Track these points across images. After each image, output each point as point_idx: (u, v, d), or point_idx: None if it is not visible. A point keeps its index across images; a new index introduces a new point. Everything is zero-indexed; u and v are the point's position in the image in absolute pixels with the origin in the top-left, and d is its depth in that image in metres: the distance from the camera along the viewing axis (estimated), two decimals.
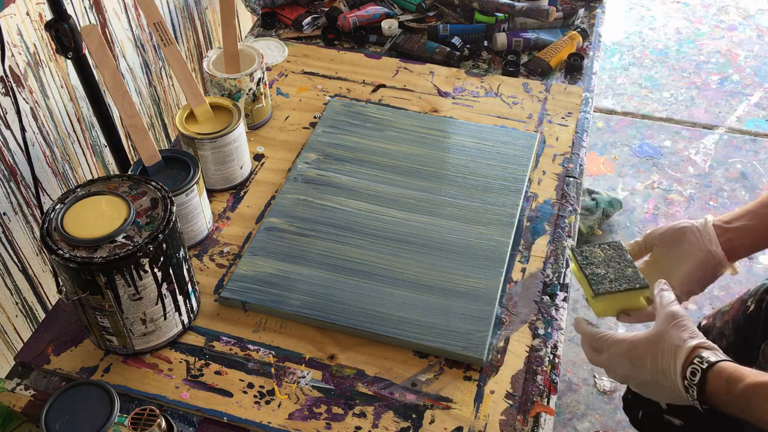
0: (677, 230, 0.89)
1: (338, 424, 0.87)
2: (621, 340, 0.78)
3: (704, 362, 0.71)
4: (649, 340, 0.75)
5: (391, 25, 1.49)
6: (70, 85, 1.33)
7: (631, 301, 0.86)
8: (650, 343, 0.75)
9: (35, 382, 0.93)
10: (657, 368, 0.74)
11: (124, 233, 0.84)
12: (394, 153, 1.20)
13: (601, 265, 0.87)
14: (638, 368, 0.76)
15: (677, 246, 0.89)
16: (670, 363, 0.73)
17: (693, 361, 0.71)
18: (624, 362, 0.77)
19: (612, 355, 0.79)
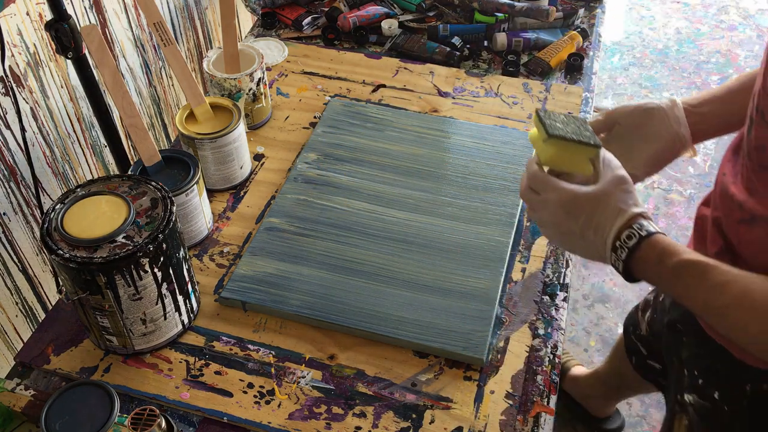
0: (645, 110, 0.86)
1: (338, 424, 0.87)
2: (564, 189, 0.76)
3: (643, 230, 0.71)
4: (592, 196, 0.74)
5: (391, 25, 1.49)
6: (70, 85, 1.33)
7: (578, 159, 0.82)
8: (592, 199, 0.74)
9: (35, 382, 0.93)
10: (591, 223, 0.74)
11: (124, 233, 0.84)
12: (394, 153, 1.20)
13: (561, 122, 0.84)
14: (571, 218, 0.75)
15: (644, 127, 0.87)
16: (608, 222, 0.73)
17: (632, 225, 0.72)
18: (558, 210, 0.76)
19: (548, 200, 0.77)
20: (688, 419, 0.92)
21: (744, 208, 0.75)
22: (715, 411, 0.88)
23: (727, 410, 0.86)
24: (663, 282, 0.72)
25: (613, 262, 0.73)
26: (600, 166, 0.76)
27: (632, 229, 0.71)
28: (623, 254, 0.71)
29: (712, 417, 0.89)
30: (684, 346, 0.94)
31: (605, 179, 0.75)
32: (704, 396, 0.89)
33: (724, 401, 0.87)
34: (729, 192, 0.78)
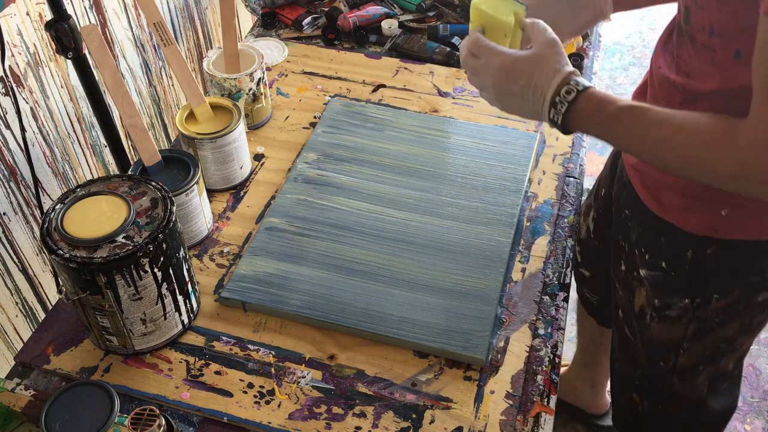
0: None
1: (338, 424, 0.87)
2: (503, 53, 0.84)
3: (580, 86, 0.79)
4: (530, 59, 0.82)
5: (391, 25, 1.49)
6: (70, 85, 1.33)
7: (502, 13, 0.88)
8: (530, 61, 0.82)
9: (35, 382, 0.93)
10: (530, 83, 0.81)
11: (124, 233, 0.84)
12: (394, 153, 1.20)
13: None
14: (512, 80, 0.82)
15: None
16: (546, 81, 0.80)
17: (569, 82, 0.79)
18: (500, 72, 0.83)
19: (490, 64, 0.84)
20: (645, 290, 1.04)
21: (686, 90, 0.83)
22: (665, 278, 1.00)
23: (673, 275, 0.98)
24: (602, 129, 0.79)
25: (552, 117, 0.81)
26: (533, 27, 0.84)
27: (569, 85, 0.79)
28: (563, 108, 0.79)
29: (662, 284, 1.01)
30: (632, 230, 1.04)
31: (540, 43, 0.82)
32: (654, 267, 1.00)
33: (671, 268, 0.98)
34: (669, 79, 0.86)
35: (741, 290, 0.96)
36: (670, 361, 1.06)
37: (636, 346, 1.10)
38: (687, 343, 1.03)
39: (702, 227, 0.92)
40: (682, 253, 0.95)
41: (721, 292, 0.96)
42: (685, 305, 0.99)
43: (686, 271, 0.96)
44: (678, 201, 0.93)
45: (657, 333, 1.05)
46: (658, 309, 1.02)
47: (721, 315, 0.99)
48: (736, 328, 1.01)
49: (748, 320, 1.00)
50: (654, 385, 1.12)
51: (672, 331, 1.03)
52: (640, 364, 1.12)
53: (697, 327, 1.01)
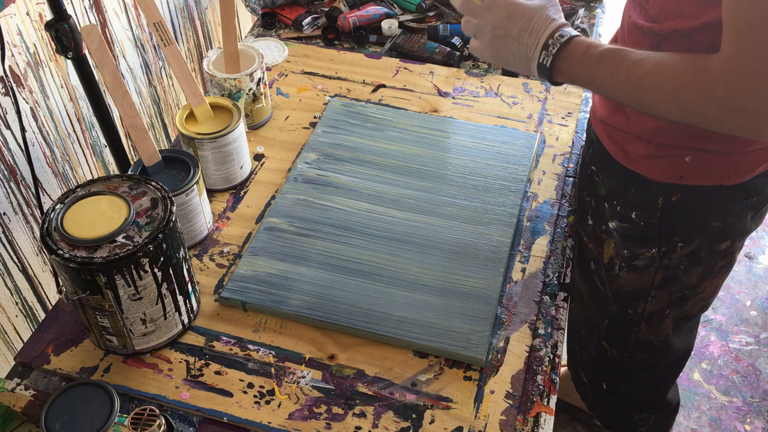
0: None
1: (338, 424, 0.87)
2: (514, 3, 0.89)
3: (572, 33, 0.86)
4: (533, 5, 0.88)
5: (391, 25, 1.49)
6: (70, 85, 1.33)
7: None
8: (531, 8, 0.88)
9: (35, 382, 0.93)
10: (528, 26, 0.87)
11: (124, 233, 0.84)
12: (394, 153, 1.20)
13: None
14: (512, 21, 0.88)
15: None
16: (542, 26, 0.87)
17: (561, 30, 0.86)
18: (501, 12, 0.89)
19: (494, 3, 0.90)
20: (614, 242, 1.08)
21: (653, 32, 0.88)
22: (633, 228, 1.04)
23: (643, 225, 1.02)
24: (587, 69, 0.84)
25: (542, 60, 0.87)
26: None
27: (562, 31, 0.86)
28: (554, 49, 0.85)
29: (630, 234, 1.05)
30: (600, 184, 1.07)
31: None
32: (623, 218, 1.04)
33: (641, 218, 1.02)
34: (638, 25, 0.91)
35: (703, 237, 1.00)
36: (639, 308, 1.12)
37: (606, 296, 1.15)
38: (654, 291, 1.08)
39: (667, 174, 0.96)
40: (652, 202, 0.99)
41: (685, 240, 1.01)
42: (652, 255, 1.04)
43: (657, 220, 1.00)
44: (643, 150, 0.97)
45: (626, 282, 1.10)
46: (626, 259, 1.07)
47: (685, 262, 1.04)
48: (699, 273, 1.06)
49: (710, 266, 1.05)
50: (622, 332, 1.18)
51: (640, 280, 1.08)
52: (609, 314, 1.16)
53: (664, 275, 1.06)
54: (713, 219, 0.99)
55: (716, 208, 0.98)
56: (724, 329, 1.97)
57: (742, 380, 1.85)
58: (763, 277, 2.10)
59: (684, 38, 0.85)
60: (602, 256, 1.11)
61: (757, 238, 2.21)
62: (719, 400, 1.81)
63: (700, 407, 1.80)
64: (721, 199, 0.97)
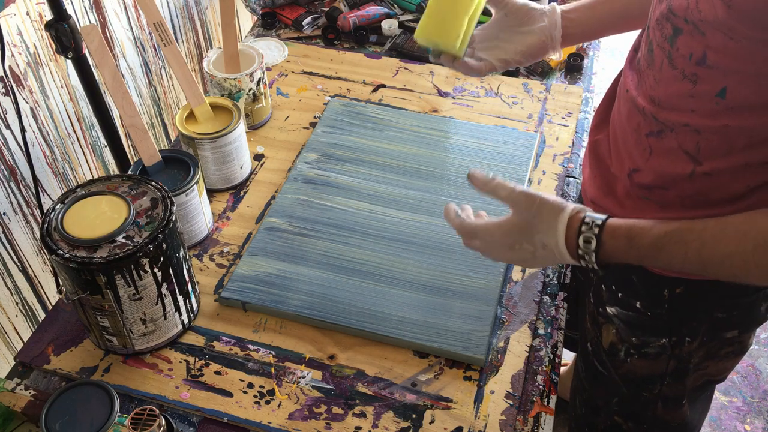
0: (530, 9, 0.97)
1: (338, 424, 0.87)
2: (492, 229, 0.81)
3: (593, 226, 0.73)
4: (521, 226, 0.78)
5: (391, 25, 1.49)
6: (70, 85, 1.33)
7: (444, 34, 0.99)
8: (523, 229, 0.78)
9: (35, 382, 0.93)
10: (536, 247, 0.78)
11: (124, 233, 0.84)
12: (394, 153, 1.20)
13: None
14: (517, 251, 0.80)
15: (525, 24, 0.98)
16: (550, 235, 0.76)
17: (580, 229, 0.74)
18: (501, 248, 0.81)
19: (487, 243, 0.82)
20: (614, 327, 1.00)
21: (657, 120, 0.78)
22: (639, 318, 0.96)
23: (650, 315, 0.94)
24: (644, 260, 0.74)
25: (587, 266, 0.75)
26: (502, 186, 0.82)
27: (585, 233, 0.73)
28: (592, 258, 0.74)
29: (636, 323, 0.97)
30: None
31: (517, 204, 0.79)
32: (627, 306, 0.96)
33: (646, 309, 0.94)
34: (638, 106, 0.80)
35: (707, 327, 0.93)
36: (654, 390, 1.04)
37: (611, 379, 1.07)
38: (669, 378, 1.01)
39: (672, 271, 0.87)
40: (658, 294, 0.92)
41: (691, 335, 0.95)
42: (663, 344, 0.97)
43: (665, 311, 0.93)
44: None
45: (638, 368, 1.02)
46: (636, 346, 0.99)
47: (696, 354, 0.97)
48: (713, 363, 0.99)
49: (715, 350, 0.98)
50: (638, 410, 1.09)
51: (654, 366, 1.00)
52: (617, 394, 1.08)
53: (677, 365, 0.98)
54: (717, 311, 0.92)
55: (721, 299, 0.91)
56: None
57: (742, 380, 1.85)
58: None
59: (694, 134, 0.75)
60: (600, 340, 1.04)
61: None
62: (719, 400, 1.81)
63: None
64: (725, 291, 0.88)
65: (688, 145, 0.75)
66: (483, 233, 0.83)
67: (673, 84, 0.75)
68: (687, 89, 0.73)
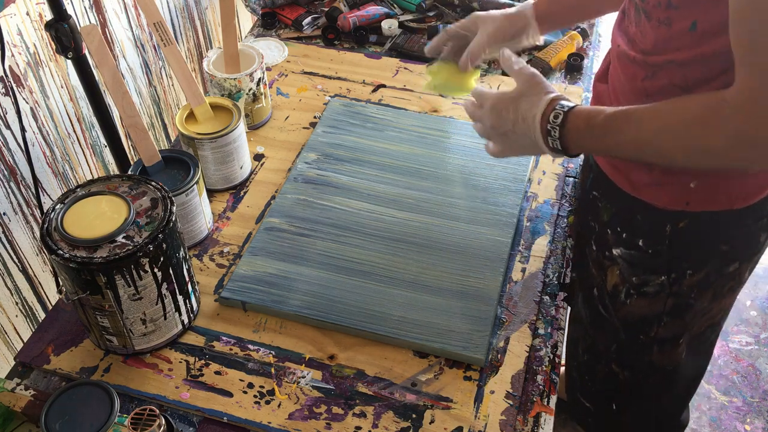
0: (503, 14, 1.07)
1: (338, 424, 0.87)
2: (493, 93, 0.91)
3: (565, 107, 0.83)
4: (512, 96, 0.88)
5: (391, 25, 1.49)
6: (70, 85, 1.33)
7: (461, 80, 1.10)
8: (513, 98, 0.88)
9: (35, 382, 0.93)
10: (518, 115, 0.86)
11: (124, 233, 0.84)
12: (394, 153, 1.20)
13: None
14: (503, 119, 0.88)
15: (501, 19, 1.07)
16: (531, 110, 0.85)
17: (554, 107, 0.83)
18: (492, 112, 0.89)
19: (485, 107, 0.91)
20: (618, 269, 1.06)
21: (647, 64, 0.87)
22: (640, 256, 1.02)
23: (650, 253, 1.00)
24: (599, 141, 0.82)
25: (550, 144, 0.84)
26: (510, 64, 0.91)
27: (556, 110, 0.83)
28: (556, 133, 0.83)
29: (638, 261, 1.03)
30: (603, 211, 1.05)
31: (519, 79, 0.88)
32: (630, 246, 1.02)
33: (648, 246, 1.00)
34: (629, 56, 0.89)
35: (712, 262, 0.99)
36: (650, 333, 1.10)
37: (612, 323, 1.12)
38: (666, 317, 1.07)
39: (673, 201, 0.94)
40: (659, 230, 0.97)
41: (694, 267, 0.99)
42: (662, 282, 1.02)
43: (665, 248, 0.98)
44: (648, 178, 0.95)
45: (636, 309, 1.08)
46: (636, 286, 1.05)
47: (695, 289, 1.02)
48: (709, 297, 1.04)
49: (719, 289, 1.03)
50: (634, 356, 1.16)
51: (651, 306, 1.06)
52: (616, 340, 1.14)
53: (675, 302, 1.04)
54: (722, 243, 0.97)
55: (725, 232, 0.96)
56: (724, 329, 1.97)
57: (742, 380, 1.85)
58: (763, 277, 2.10)
59: (680, 68, 0.84)
60: (605, 283, 1.09)
61: None
62: (719, 400, 1.81)
63: (700, 407, 1.80)
64: (730, 223, 0.94)
65: (677, 79, 0.84)
66: (487, 97, 0.92)
67: (654, 33, 0.84)
68: (665, 33, 0.82)
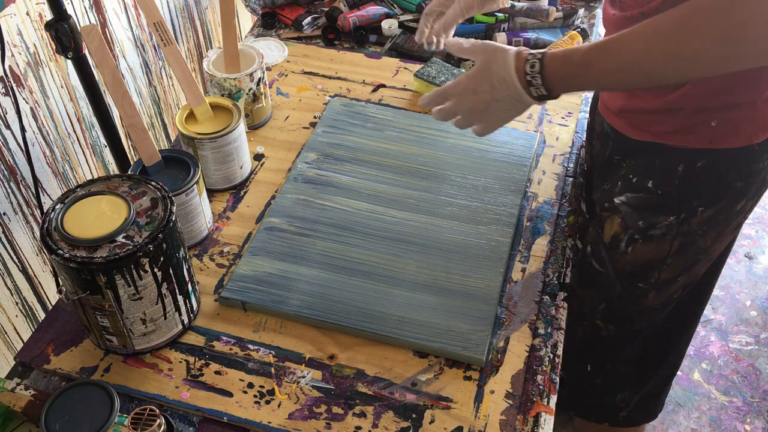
0: None
1: (338, 424, 0.87)
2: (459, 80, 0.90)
3: (537, 55, 0.83)
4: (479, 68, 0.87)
5: (391, 25, 1.49)
6: (70, 85, 1.33)
7: None
8: (480, 70, 0.87)
9: (35, 382, 0.93)
10: (494, 81, 0.86)
11: (124, 233, 0.84)
12: (394, 153, 1.20)
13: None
14: (479, 93, 0.87)
15: None
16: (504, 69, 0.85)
17: (526, 59, 0.84)
18: (468, 93, 0.89)
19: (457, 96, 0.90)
20: (620, 216, 1.05)
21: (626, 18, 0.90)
22: (648, 198, 1.02)
23: (660, 194, 1.00)
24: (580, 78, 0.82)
25: (535, 94, 0.85)
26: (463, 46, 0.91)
27: (528, 60, 0.83)
28: (537, 80, 0.83)
29: (646, 204, 1.02)
30: (623, 168, 1.05)
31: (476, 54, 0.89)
32: (638, 189, 1.02)
33: (658, 186, 1.00)
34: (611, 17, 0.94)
35: (725, 200, 0.99)
36: (651, 279, 1.09)
37: (607, 277, 1.12)
38: (670, 259, 1.06)
39: (696, 142, 0.94)
40: (672, 170, 0.98)
41: (707, 204, 1.00)
42: (670, 222, 1.02)
43: (675, 187, 0.99)
44: (670, 125, 0.95)
45: (640, 255, 1.07)
46: (642, 230, 1.04)
47: (704, 226, 1.02)
48: (714, 236, 1.05)
49: (724, 227, 1.04)
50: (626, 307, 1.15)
51: (657, 250, 1.06)
52: (609, 295, 1.14)
53: (681, 242, 1.04)
54: (737, 179, 0.98)
55: (741, 167, 0.97)
56: (724, 329, 1.97)
57: (742, 380, 1.85)
58: (763, 277, 2.10)
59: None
60: (602, 236, 1.10)
61: (757, 238, 2.21)
62: (719, 400, 1.81)
63: (700, 407, 1.80)
64: (748, 159, 0.96)
65: None
66: (451, 88, 0.91)
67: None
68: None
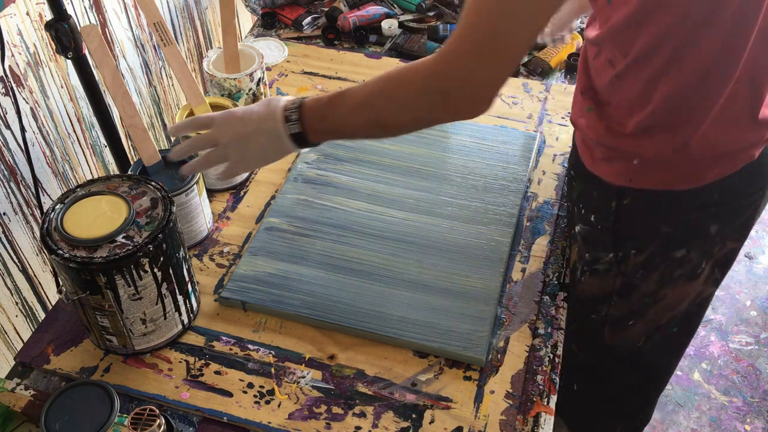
0: None
1: (338, 424, 0.87)
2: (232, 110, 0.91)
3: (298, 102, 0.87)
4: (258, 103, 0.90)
5: (391, 25, 1.49)
6: (70, 85, 1.33)
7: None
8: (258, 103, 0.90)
9: (35, 382, 0.93)
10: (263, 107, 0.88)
11: (124, 233, 0.84)
12: (394, 153, 1.20)
13: None
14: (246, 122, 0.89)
15: None
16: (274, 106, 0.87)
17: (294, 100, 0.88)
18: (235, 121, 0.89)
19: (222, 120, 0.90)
20: (578, 245, 1.07)
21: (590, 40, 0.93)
22: (592, 232, 1.03)
23: (600, 228, 1.02)
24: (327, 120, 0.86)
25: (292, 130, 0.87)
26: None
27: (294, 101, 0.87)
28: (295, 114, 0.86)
29: (590, 237, 1.04)
30: (575, 189, 1.07)
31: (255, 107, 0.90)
32: (585, 222, 1.04)
33: (598, 221, 1.02)
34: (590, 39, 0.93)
35: (655, 244, 0.99)
36: (602, 312, 1.10)
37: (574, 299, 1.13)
38: (615, 297, 1.07)
39: (620, 177, 0.95)
40: (607, 205, 0.99)
41: (638, 248, 1.00)
42: (610, 259, 1.03)
43: (611, 223, 1.00)
44: (601, 153, 0.96)
45: (588, 286, 1.08)
46: (588, 263, 1.06)
47: (640, 270, 1.02)
48: (656, 281, 1.04)
49: (668, 274, 1.02)
50: (589, 336, 1.17)
51: (602, 284, 1.07)
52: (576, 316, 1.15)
53: (623, 282, 1.05)
54: (663, 224, 0.97)
55: (666, 213, 0.96)
56: (724, 329, 1.97)
57: (742, 380, 1.85)
58: (763, 277, 2.10)
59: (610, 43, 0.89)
60: (570, 259, 1.10)
61: (757, 238, 2.21)
62: (719, 400, 1.81)
63: (700, 407, 1.80)
64: (670, 205, 0.95)
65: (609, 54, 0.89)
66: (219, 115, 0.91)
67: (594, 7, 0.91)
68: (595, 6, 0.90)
